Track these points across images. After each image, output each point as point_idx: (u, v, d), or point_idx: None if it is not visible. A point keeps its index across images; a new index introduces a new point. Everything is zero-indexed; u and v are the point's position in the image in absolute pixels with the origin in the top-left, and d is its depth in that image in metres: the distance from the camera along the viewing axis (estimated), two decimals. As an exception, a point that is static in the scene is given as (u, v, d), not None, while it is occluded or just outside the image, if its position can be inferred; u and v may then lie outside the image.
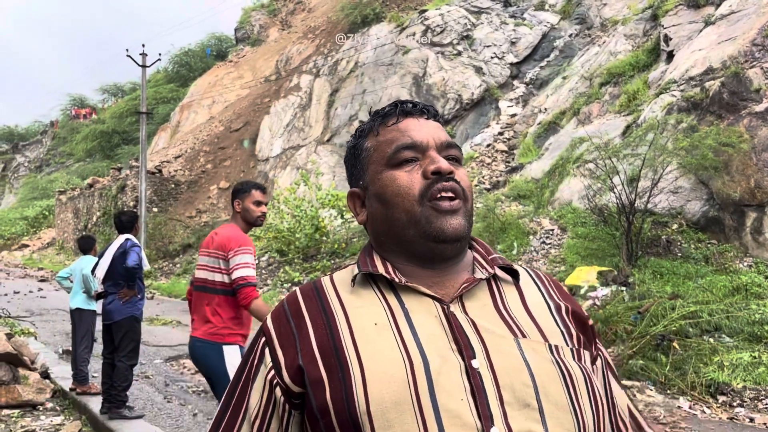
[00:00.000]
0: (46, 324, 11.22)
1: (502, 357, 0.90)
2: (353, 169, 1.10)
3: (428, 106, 1.08)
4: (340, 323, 0.95)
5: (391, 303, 0.96)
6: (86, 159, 45.55)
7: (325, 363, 0.91)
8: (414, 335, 0.91)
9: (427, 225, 0.97)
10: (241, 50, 36.69)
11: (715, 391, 6.33)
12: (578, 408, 0.90)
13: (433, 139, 1.02)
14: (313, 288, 1.03)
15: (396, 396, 0.85)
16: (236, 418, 0.99)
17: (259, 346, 1.00)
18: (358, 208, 1.09)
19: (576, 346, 0.98)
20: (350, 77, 22.97)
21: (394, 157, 1.01)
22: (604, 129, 12.10)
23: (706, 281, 8.60)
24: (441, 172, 0.98)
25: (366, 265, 1.01)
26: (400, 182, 1.00)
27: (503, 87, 19.56)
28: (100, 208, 29.26)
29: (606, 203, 10.59)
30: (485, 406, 0.85)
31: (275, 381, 0.95)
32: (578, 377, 0.93)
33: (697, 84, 11.29)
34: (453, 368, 0.88)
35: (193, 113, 33.30)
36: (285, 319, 0.99)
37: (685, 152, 9.52)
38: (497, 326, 0.95)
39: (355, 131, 1.12)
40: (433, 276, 0.99)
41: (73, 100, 56.46)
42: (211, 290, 3.48)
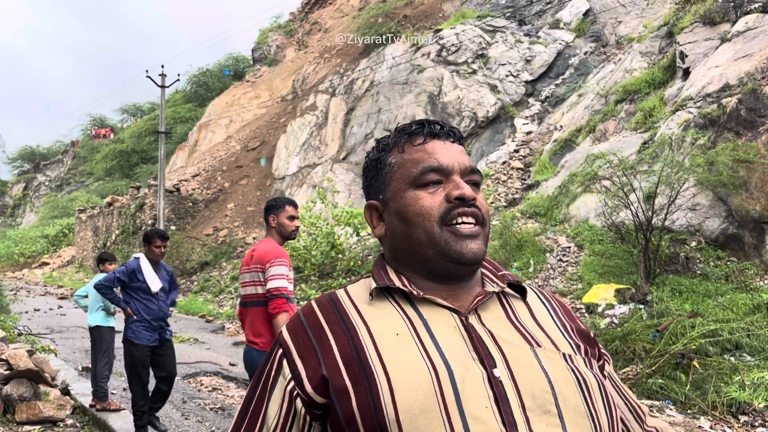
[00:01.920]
0: (66, 341, 11.34)
1: (521, 366, 0.94)
2: (373, 181, 1.12)
3: (454, 129, 1.12)
4: (361, 334, 0.97)
5: (410, 314, 0.99)
6: (106, 178, 46.17)
7: (349, 372, 0.93)
8: (436, 345, 0.94)
9: (447, 247, 1.00)
10: (258, 70, 37.15)
11: (736, 411, 6.24)
12: (595, 413, 0.94)
13: (458, 163, 1.05)
14: (330, 300, 1.05)
15: (423, 404, 0.88)
16: (253, 428, 1.00)
17: (276, 357, 1.01)
18: (375, 221, 1.11)
19: (585, 356, 1.03)
20: (366, 96, 23.15)
21: (420, 178, 1.04)
22: (620, 146, 12.07)
23: (726, 299, 8.51)
24: (465, 198, 1.02)
25: (382, 279, 1.04)
26: (423, 203, 1.02)
27: (518, 105, 19.59)
28: (119, 227, 29.59)
29: (623, 220, 10.53)
30: (509, 413, 0.88)
31: (295, 392, 0.96)
32: (592, 384, 0.97)
33: (714, 101, 11.25)
34: (476, 377, 0.91)
35: (210, 132, 33.69)
36: (302, 330, 1.01)
37: (702, 169, 9.47)
38: (513, 337, 0.98)
39: (377, 143, 1.14)
40: (447, 290, 1.03)
41: (94, 120, 57.41)
42: (258, 303, 3.68)
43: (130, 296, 5.21)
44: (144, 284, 5.16)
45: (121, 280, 5.17)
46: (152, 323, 5.18)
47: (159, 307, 5.24)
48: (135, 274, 5.17)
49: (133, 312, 5.14)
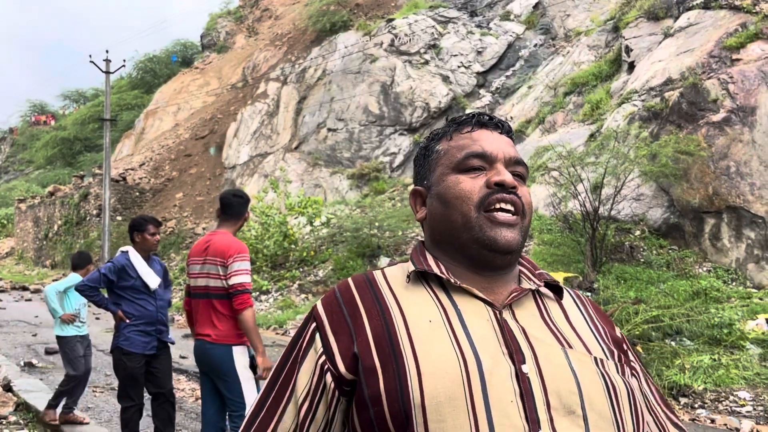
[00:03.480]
0: (6, 336, 10.94)
1: (550, 364, 0.93)
2: (420, 168, 1.14)
3: (504, 121, 1.12)
4: (395, 316, 0.97)
5: (444, 302, 0.99)
6: (47, 166, 44.53)
7: (379, 353, 0.94)
8: (467, 335, 0.94)
9: (480, 233, 1.00)
10: (207, 57, 36.37)
11: (677, 394, 6.50)
12: (620, 420, 0.93)
13: (503, 152, 1.06)
14: (366, 280, 1.05)
15: (450, 392, 0.88)
16: (282, 397, 1.01)
17: (309, 330, 1.02)
18: (418, 206, 1.12)
19: (617, 362, 1.02)
20: (318, 85, 22.97)
21: (463, 162, 1.05)
22: (568, 137, 12.35)
23: (667, 286, 8.84)
24: (504, 184, 1.02)
25: (420, 263, 1.04)
26: (463, 186, 1.03)
27: (470, 96, 19.79)
28: (61, 217, 28.62)
29: (571, 210, 10.80)
30: (533, 410, 0.88)
31: (326, 367, 0.97)
32: (622, 391, 0.96)
33: (657, 94, 11.61)
34: (504, 371, 0.91)
35: (158, 120, 32.86)
36: (338, 306, 1.02)
37: (646, 160, 9.78)
38: (546, 336, 0.98)
39: (429, 134, 1.16)
40: (483, 282, 1.02)
41: (33, 107, 55.20)
42: (214, 296, 3.60)
43: (119, 297, 4.45)
44: (137, 281, 4.42)
45: (108, 279, 4.40)
46: (147, 327, 4.45)
47: (156, 307, 4.51)
48: (125, 270, 4.42)
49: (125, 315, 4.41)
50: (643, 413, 1.01)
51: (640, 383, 1.06)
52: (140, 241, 4.58)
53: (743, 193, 9.61)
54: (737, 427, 5.68)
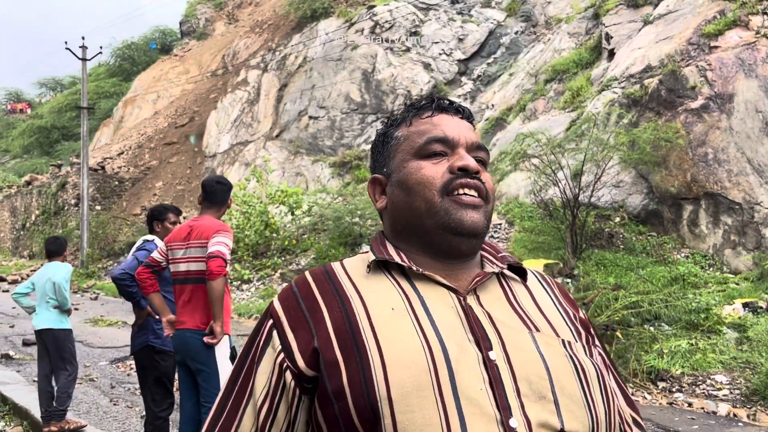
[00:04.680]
0: (-17, 328, 10.78)
1: (518, 350, 0.92)
2: (379, 155, 1.10)
3: (464, 106, 1.10)
4: (356, 306, 0.94)
5: (406, 290, 0.96)
6: (23, 155, 43.79)
7: (341, 346, 0.90)
8: (432, 323, 0.91)
9: (446, 216, 0.98)
10: (187, 44, 35.91)
11: (655, 378, 6.58)
12: (591, 402, 0.92)
13: (465, 137, 1.04)
14: (324, 272, 1.02)
15: (417, 381, 0.85)
16: (240, 401, 0.97)
17: (266, 328, 0.98)
18: (377, 195, 1.09)
19: (585, 344, 1.01)
20: (299, 72, 22.79)
21: (424, 148, 1.02)
22: (549, 125, 12.39)
23: (646, 272, 8.92)
24: (468, 169, 1.00)
25: (381, 252, 1.01)
26: (425, 172, 1.00)
27: (451, 83, 19.75)
28: (39, 207, 28.20)
29: (551, 197, 10.85)
30: (503, 397, 0.86)
31: (285, 364, 0.93)
32: (591, 372, 0.95)
33: (637, 81, 11.67)
34: (471, 358, 0.89)
35: (137, 108, 32.42)
36: (295, 301, 0.98)
37: (625, 147, 9.84)
38: (512, 320, 0.96)
39: (387, 120, 1.13)
40: (446, 268, 1.00)
41: (9, 95, 54.22)
42: (194, 280, 3.54)
43: None
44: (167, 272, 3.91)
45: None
46: None
47: None
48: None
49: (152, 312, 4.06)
50: (614, 394, 1.00)
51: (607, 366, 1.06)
52: (161, 231, 4.45)
53: (721, 179, 9.71)
54: (714, 411, 5.77)
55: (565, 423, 0.88)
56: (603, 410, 0.94)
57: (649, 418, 5.59)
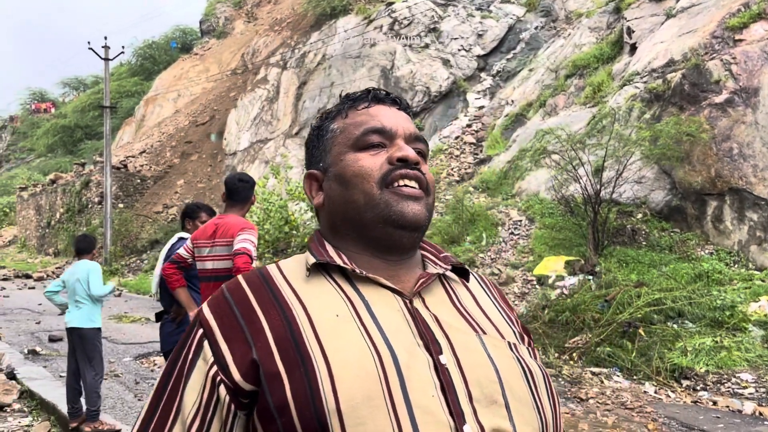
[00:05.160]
0: (10, 324, 10.98)
1: (467, 353, 0.89)
2: (314, 150, 1.06)
3: (400, 97, 1.07)
4: (297, 313, 0.88)
5: (350, 295, 0.91)
6: (48, 154, 44.49)
7: (283, 357, 0.84)
8: (379, 328, 0.87)
9: (386, 209, 0.94)
10: (206, 43, 36.18)
11: (679, 376, 6.51)
12: (540, 405, 0.90)
13: (403, 128, 1.00)
14: (260, 276, 0.95)
15: (367, 391, 0.81)
16: (166, 420, 0.88)
17: (196, 338, 0.90)
18: (314, 191, 1.04)
19: (528, 346, 0.99)
20: (318, 70, 22.84)
21: (362, 139, 0.99)
22: (569, 120, 12.29)
23: (669, 269, 8.83)
24: (408, 159, 0.96)
25: (321, 254, 0.96)
26: (363, 163, 0.97)
27: (471, 79, 19.67)
28: (63, 205, 28.63)
29: (572, 194, 10.76)
30: (456, 403, 0.83)
31: (219, 378, 0.86)
32: (538, 375, 0.93)
33: (659, 76, 11.53)
34: (421, 363, 0.85)
35: (158, 107, 32.76)
36: (228, 309, 0.90)
37: (647, 143, 9.73)
38: (459, 323, 0.93)
39: (321, 113, 1.09)
40: (388, 269, 0.96)
41: (33, 95, 55.07)
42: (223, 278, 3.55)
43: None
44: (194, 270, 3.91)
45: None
46: None
47: None
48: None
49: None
50: (557, 395, 0.98)
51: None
52: (192, 228, 4.46)
53: (746, 174, 9.56)
54: (739, 409, 5.70)
55: (517, 427, 0.86)
56: (551, 413, 0.92)
57: (673, 417, 5.54)
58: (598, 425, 5.32)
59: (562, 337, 7.64)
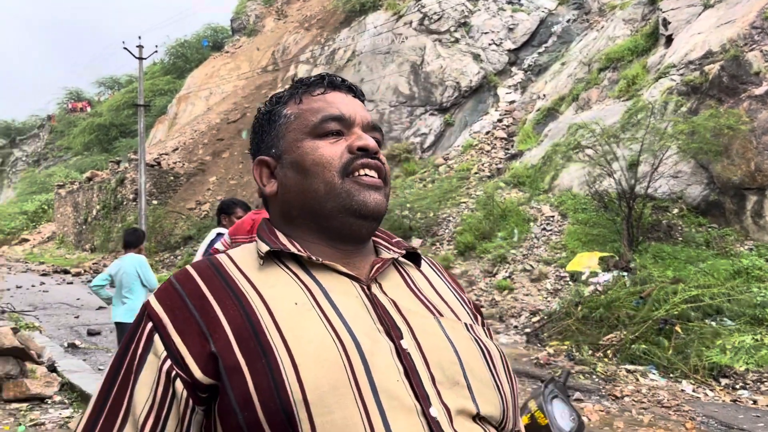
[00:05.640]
0: (50, 318, 11.26)
1: (427, 336, 0.89)
2: (264, 135, 1.02)
3: (356, 85, 1.05)
4: (254, 302, 0.86)
5: (306, 282, 0.90)
6: (84, 152, 45.48)
7: (243, 349, 0.82)
8: (339, 315, 0.86)
9: (348, 198, 0.93)
10: (237, 40, 36.54)
11: (718, 374, 6.38)
12: (499, 383, 0.91)
13: (361, 116, 0.99)
14: (211, 265, 0.93)
15: (332, 380, 0.80)
16: (115, 418, 0.84)
17: (145, 333, 0.86)
18: (265, 179, 1.00)
19: (483, 326, 1.01)
20: (348, 66, 22.89)
21: (320, 126, 0.96)
22: (603, 114, 12.10)
23: (707, 265, 8.64)
24: (368, 149, 0.95)
25: (273, 242, 0.94)
26: (322, 152, 0.94)
27: (501, 74, 19.51)
28: (99, 202, 29.25)
29: (606, 189, 10.61)
30: (420, 386, 0.83)
31: (174, 372, 0.82)
32: (495, 354, 0.94)
33: (697, 68, 11.28)
34: (384, 349, 0.85)
35: (190, 105, 33.22)
36: (179, 300, 0.87)
37: (684, 136, 9.54)
38: (416, 306, 0.94)
39: (270, 98, 1.05)
40: (343, 257, 0.95)
41: (70, 94, 56.31)
42: None
43: None
44: None
45: None
46: None
47: None
48: None
49: None
50: (514, 374, 0.98)
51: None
52: (228, 224, 4.47)
53: (787, 168, 9.30)
54: (781, 409, 5.56)
55: (480, 407, 0.87)
56: (509, 390, 0.93)
57: (711, 416, 5.43)
58: (633, 423, 5.25)
59: (595, 334, 7.54)
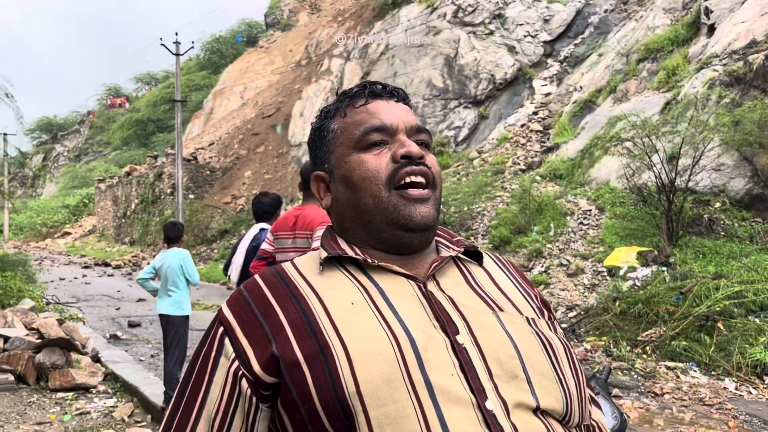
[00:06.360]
0: (92, 309, 11.56)
1: (484, 331, 0.90)
2: (318, 151, 1.06)
3: (398, 88, 1.06)
4: (313, 305, 0.91)
5: (364, 283, 0.93)
6: (123, 147, 46.44)
7: (302, 346, 0.86)
8: (394, 313, 0.89)
9: (395, 213, 0.95)
10: (271, 35, 36.82)
11: (761, 372, 6.23)
12: (562, 376, 0.91)
13: (403, 122, 1.00)
14: (275, 273, 0.98)
15: (386, 374, 0.83)
16: (189, 416, 0.91)
17: (217, 336, 0.93)
18: (322, 193, 1.05)
19: (548, 321, 1.00)
20: (381, 60, 22.88)
21: (363, 139, 0.98)
22: (642, 106, 11.86)
23: (750, 260, 8.42)
24: (411, 156, 0.96)
25: (333, 248, 0.98)
26: (368, 166, 0.97)
27: (537, 66, 19.26)
28: (138, 196, 29.85)
29: (645, 182, 10.41)
30: (476, 380, 0.85)
31: (240, 372, 0.88)
32: (558, 347, 0.94)
33: (740, 58, 10.97)
34: (439, 345, 0.86)
35: (225, 100, 33.62)
36: (246, 305, 0.93)
37: (727, 128, 9.29)
38: (474, 302, 0.95)
39: (319, 112, 1.08)
40: (401, 259, 0.98)
41: (109, 90, 57.54)
42: None
43: None
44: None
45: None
46: None
47: None
48: None
49: None
50: (580, 367, 0.97)
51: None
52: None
53: (836, 161, 9.00)
54: (829, 409, 5.40)
55: (540, 400, 0.86)
56: (574, 384, 0.92)
57: (754, 414, 5.31)
58: (674, 421, 5.16)
59: (634, 330, 7.43)
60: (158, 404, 5.24)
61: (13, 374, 6.03)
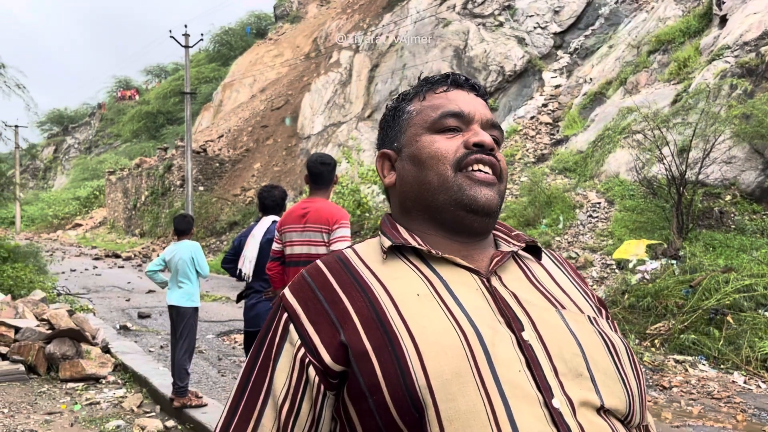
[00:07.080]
0: (103, 300, 11.65)
1: (549, 328, 0.89)
2: (389, 130, 1.07)
3: (479, 84, 1.08)
4: (379, 294, 0.90)
5: (427, 275, 0.93)
6: (133, 140, 46.65)
7: (370, 337, 0.86)
8: (460, 307, 0.88)
9: (460, 192, 0.95)
10: (281, 27, 36.78)
11: (771, 366, 6.20)
12: (625, 377, 0.90)
13: (480, 113, 1.01)
14: (338, 260, 0.97)
15: (455, 368, 0.82)
16: (256, 401, 0.91)
17: (282, 322, 0.93)
18: (386, 171, 1.05)
19: (607, 320, 1.00)
20: (390, 52, 22.81)
21: (439, 122, 0.99)
22: (652, 98, 11.77)
23: (761, 254, 8.36)
24: (484, 145, 0.97)
25: (396, 237, 0.98)
26: (438, 145, 0.98)
27: (547, 57, 19.14)
28: (148, 188, 29.99)
29: (655, 175, 10.34)
30: (542, 378, 0.84)
31: (307, 360, 0.88)
32: (620, 347, 0.93)
33: (753, 49, 10.86)
34: (505, 340, 0.86)
35: (234, 92, 33.66)
36: (311, 292, 0.93)
37: (739, 120, 9.21)
38: (537, 299, 0.94)
39: (398, 95, 1.10)
40: (461, 249, 0.97)
41: (119, 82, 57.79)
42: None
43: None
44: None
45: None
46: None
47: None
48: None
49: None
50: (642, 369, 0.97)
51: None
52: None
53: None
54: (838, 403, 5.37)
55: (605, 399, 0.86)
56: (635, 384, 0.92)
57: (763, 408, 5.29)
58: (682, 414, 5.15)
59: (643, 323, 7.40)
60: (167, 395, 5.28)
61: (24, 364, 6.10)
